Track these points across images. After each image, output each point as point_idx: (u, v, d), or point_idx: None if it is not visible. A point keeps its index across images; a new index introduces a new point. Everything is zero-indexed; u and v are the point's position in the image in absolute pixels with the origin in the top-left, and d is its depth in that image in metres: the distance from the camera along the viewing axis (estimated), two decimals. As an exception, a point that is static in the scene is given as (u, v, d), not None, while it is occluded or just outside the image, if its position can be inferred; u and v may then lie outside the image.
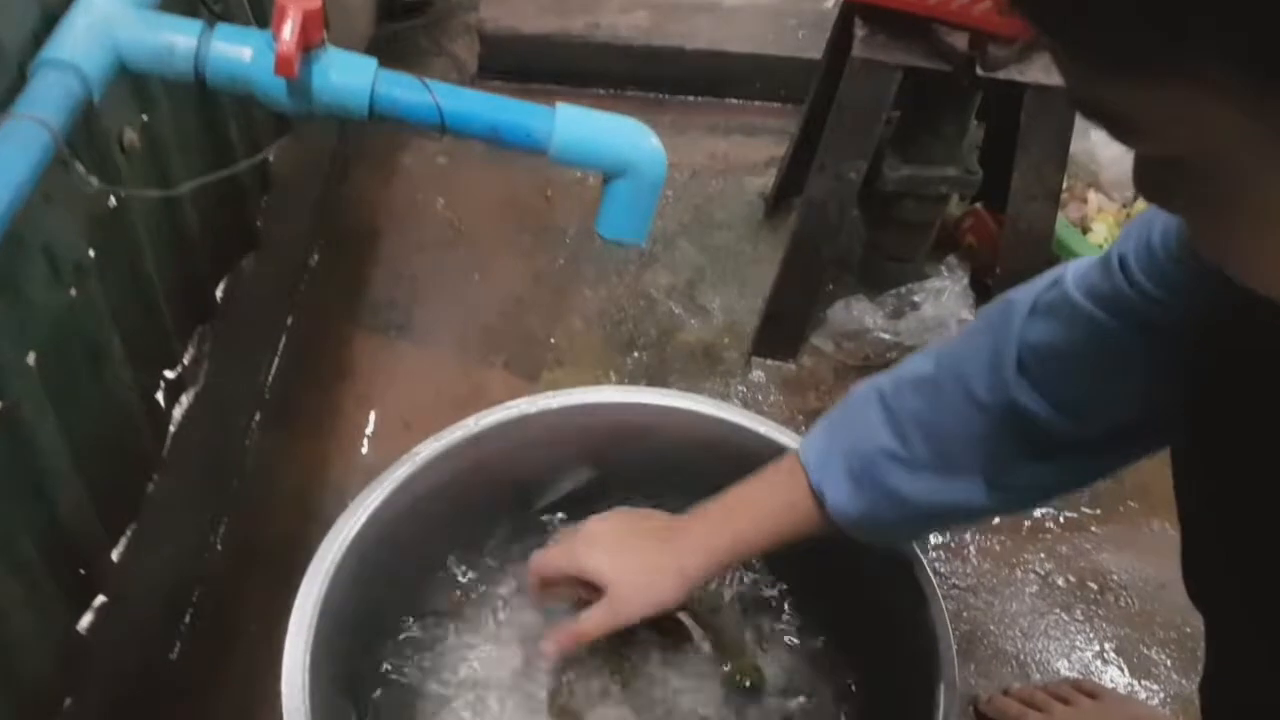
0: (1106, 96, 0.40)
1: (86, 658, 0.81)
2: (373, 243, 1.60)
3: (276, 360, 1.39)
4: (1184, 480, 0.73)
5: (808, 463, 0.86)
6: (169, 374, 0.91)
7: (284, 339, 1.42)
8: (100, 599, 0.81)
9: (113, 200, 0.78)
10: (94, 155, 0.76)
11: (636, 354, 1.48)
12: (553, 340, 1.49)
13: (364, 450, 1.35)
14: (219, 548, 1.20)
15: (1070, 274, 0.78)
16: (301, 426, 1.35)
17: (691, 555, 0.91)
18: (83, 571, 0.79)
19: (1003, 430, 0.79)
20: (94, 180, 0.64)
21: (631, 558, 0.93)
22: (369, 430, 1.37)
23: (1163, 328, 0.73)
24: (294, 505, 1.26)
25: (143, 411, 0.84)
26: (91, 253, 0.75)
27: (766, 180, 1.69)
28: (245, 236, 1.07)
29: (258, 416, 1.33)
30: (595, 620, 0.94)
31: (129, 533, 0.86)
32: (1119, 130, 0.41)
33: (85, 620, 0.81)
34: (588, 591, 0.95)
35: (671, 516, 0.96)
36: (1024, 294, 0.80)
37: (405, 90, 0.74)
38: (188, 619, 1.11)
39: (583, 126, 0.80)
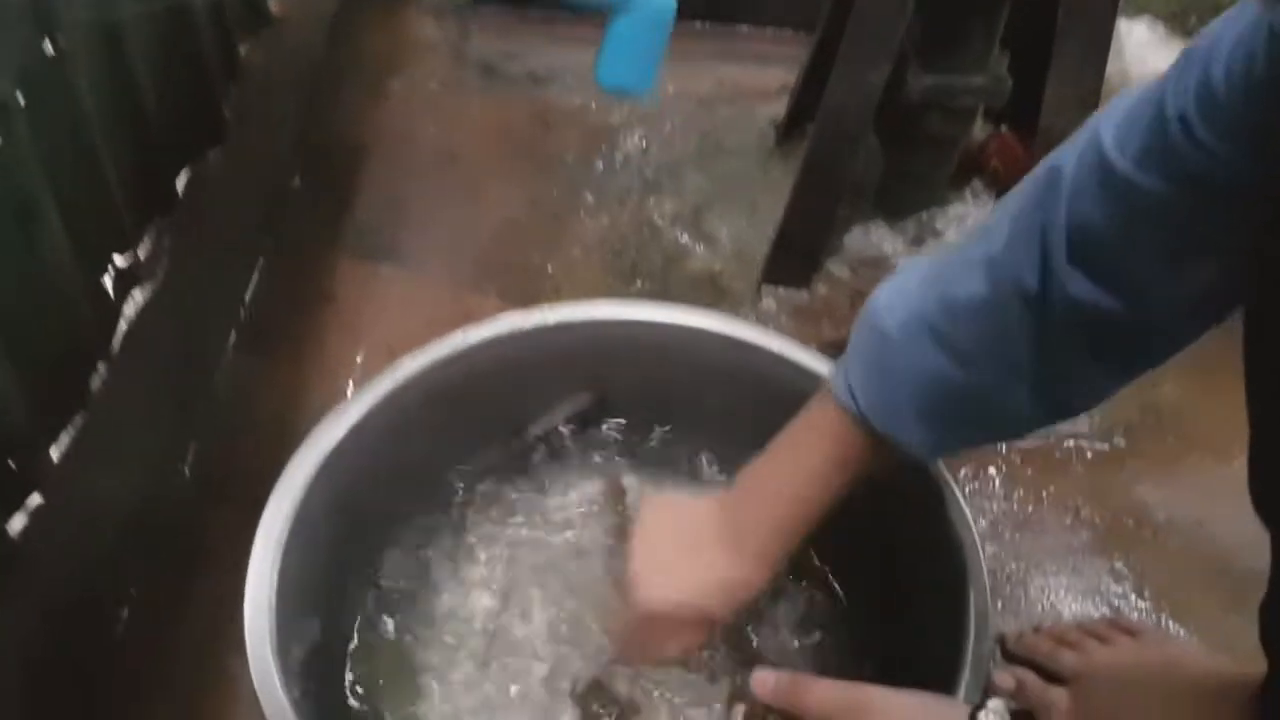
0: None
1: (17, 565, 0.72)
2: (360, 165, 1.51)
3: (255, 279, 1.30)
4: (1256, 368, 0.65)
5: (871, 413, 0.78)
6: (119, 260, 0.82)
7: (262, 260, 1.34)
8: (36, 499, 0.73)
9: (49, 46, 0.69)
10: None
11: (639, 283, 1.39)
12: (550, 269, 1.41)
13: (346, 378, 1.26)
14: (187, 473, 1.12)
15: (1106, 134, 0.69)
16: (280, 352, 1.27)
17: (768, 543, 0.84)
18: (13, 466, 0.71)
19: (1064, 329, 0.72)
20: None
21: (704, 573, 0.84)
22: (352, 358, 1.28)
23: (1227, 186, 0.65)
24: (269, 434, 1.17)
25: (86, 295, 0.76)
26: (21, 98, 0.66)
27: (778, 108, 1.59)
28: (210, 126, 0.98)
29: (233, 338, 1.25)
30: (692, 642, 0.88)
31: (71, 431, 0.77)
32: None
33: (17, 523, 0.72)
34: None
35: (718, 503, 0.87)
36: (1061, 163, 0.72)
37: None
38: (148, 545, 1.03)
39: (580, -48, 0.70)
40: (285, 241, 1.37)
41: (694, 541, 0.85)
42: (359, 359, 1.28)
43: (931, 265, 0.78)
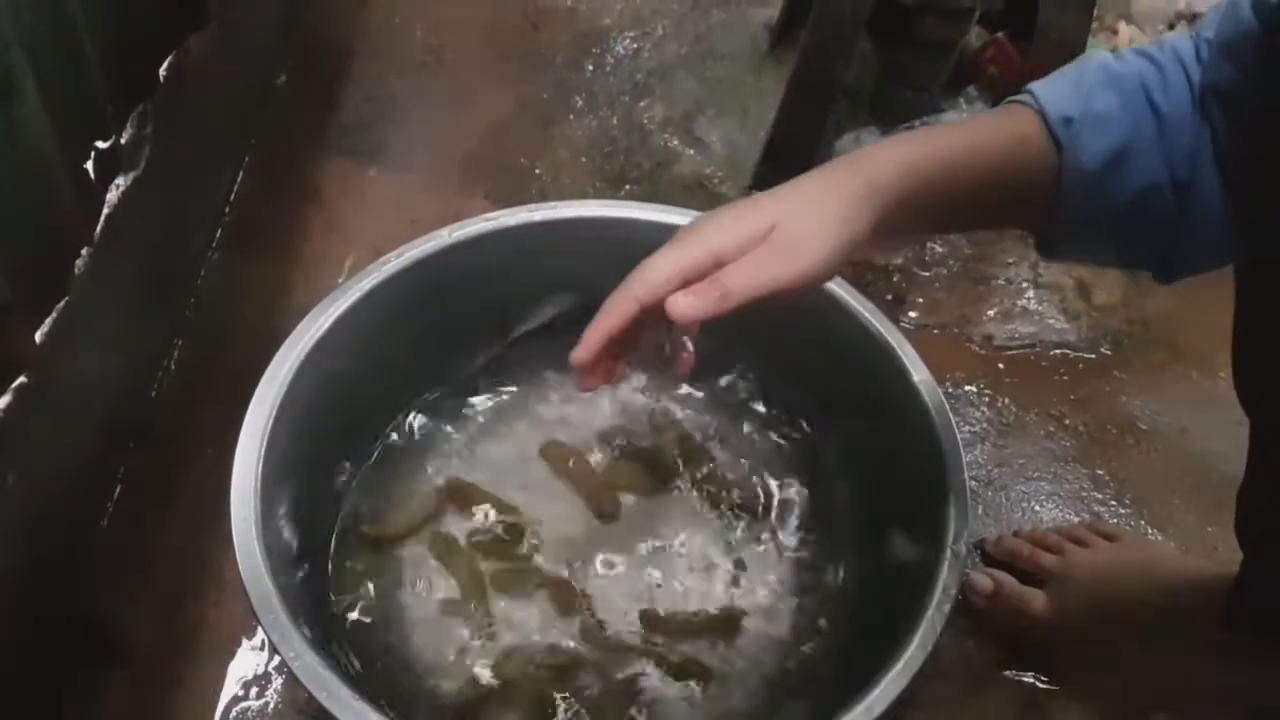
0: None
1: (5, 441, 0.72)
2: (345, 65, 1.48)
3: (240, 177, 1.29)
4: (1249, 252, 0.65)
5: (1045, 98, 0.71)
6: (100, 144, 0.81)
7: (248, 158, 1.32)
8: (20, 380, 0.72)
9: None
10: None
11: (628, 186, 1.37)
12: (538, 171, 1.39)
13: (332, 277, 1.25)
14: (172, 367, 1.11)
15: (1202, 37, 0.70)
16: (264, 249, 1.26)
17: (882, 166, 0.68)
18: (-3, 345, 0.70)
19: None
20: None
21: (795, 193, 0.69)
22: (337, 257, 1.27)
23: None
24: (254, 329, 1.17)
25: (67, 175, 0.74)
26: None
27: (772, 12, 1.56)
28: (192, 9, 0.96)
29: (218, 234, 1.24)
30: (763, 277, 0.65)
31: (55, 314, 0.77)
32: None
33: (2, 402, 0.72)
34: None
35: (820, 172, 0.71)
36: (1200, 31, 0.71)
37: None
38: (135, 438, 1.03)
39: None
40: (271, 140, 1.35)
41: (783, 192, 0.70)
42: (345, 259, 1.27)
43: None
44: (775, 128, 1.30)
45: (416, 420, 1.05)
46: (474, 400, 1.08)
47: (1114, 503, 1.11)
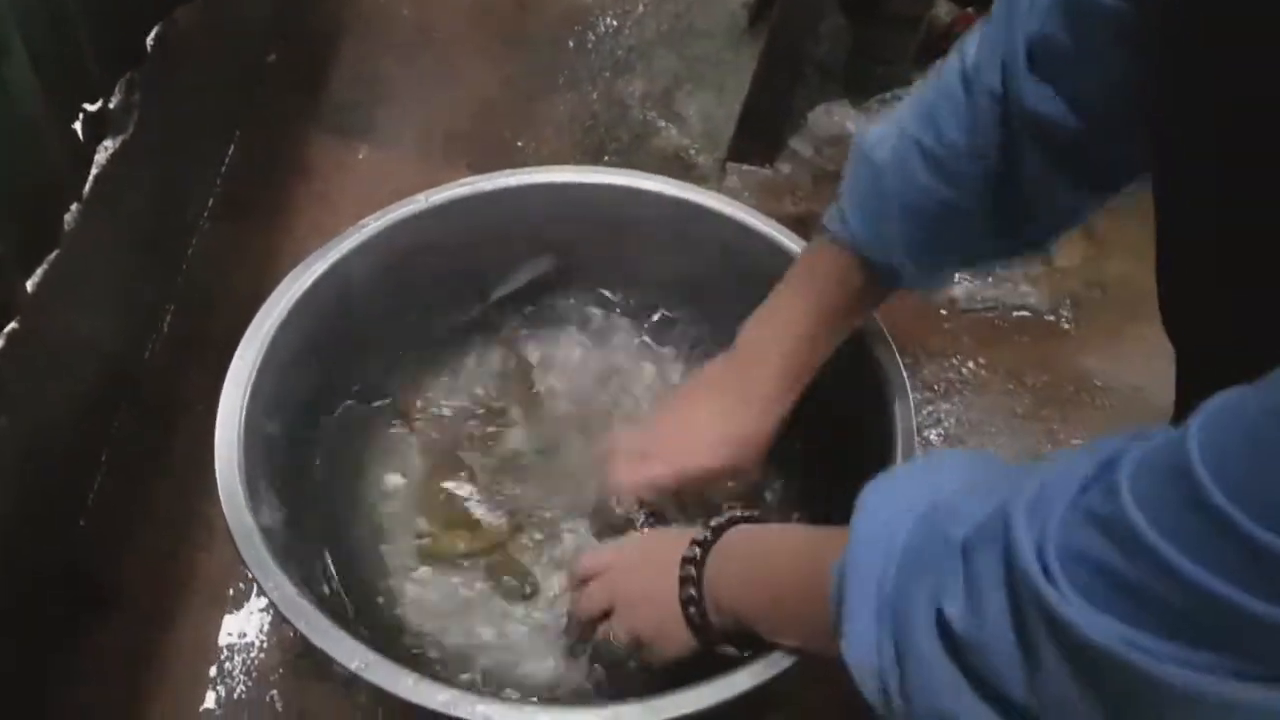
0: None
1: (-3, 385, 0.77)
2: (335, 42, 1.53)
3: (231, 152, 1.34)
4: (1160, 183, 0.69)
5: (864, 242, 0.80)
6: (89, 107, 0.85)
7: (239, 133, 1.36)
8: (12, 325, 0.77)
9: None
10: None
11: (607, 159, 1.42)
12: (520, 145, 1.44)
13: (319, 246, 1.29)
14: (165, 330, 1.16)
15: None
16: (254, 220, 1.31)
17: (775, 393, 0.86)
18: (-10, 292, 0.75)
19: (1026, 138, 0.74)
20: None
21: (718, 428, 0.86)
22: (325, 228, 1.31)
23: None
24: (245, 296, 1.20)
25: (55, 132, 0.79)
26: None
27: (751, -10, 1.61)
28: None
29: (210, 205, 1.28)
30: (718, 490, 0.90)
31: (45, 266, 0.81)
32: None
33: (-8, 342, 0.76)
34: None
35: (721, 364, 0.89)
36: None
37: None
38: (127, 398, 1.07)
39: None
40: (262, 116, 1.40)
41: (709, 405, 0.87)
42: (333, 230, 1.31)
43: (914, 98, 0.79)
44: (747, 104, 1.34)
45: (395, 378, 1.09)
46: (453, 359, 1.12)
47: (1069, 457, 1.15)
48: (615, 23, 1.58)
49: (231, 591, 1.01)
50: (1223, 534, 0.40)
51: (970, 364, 1.22)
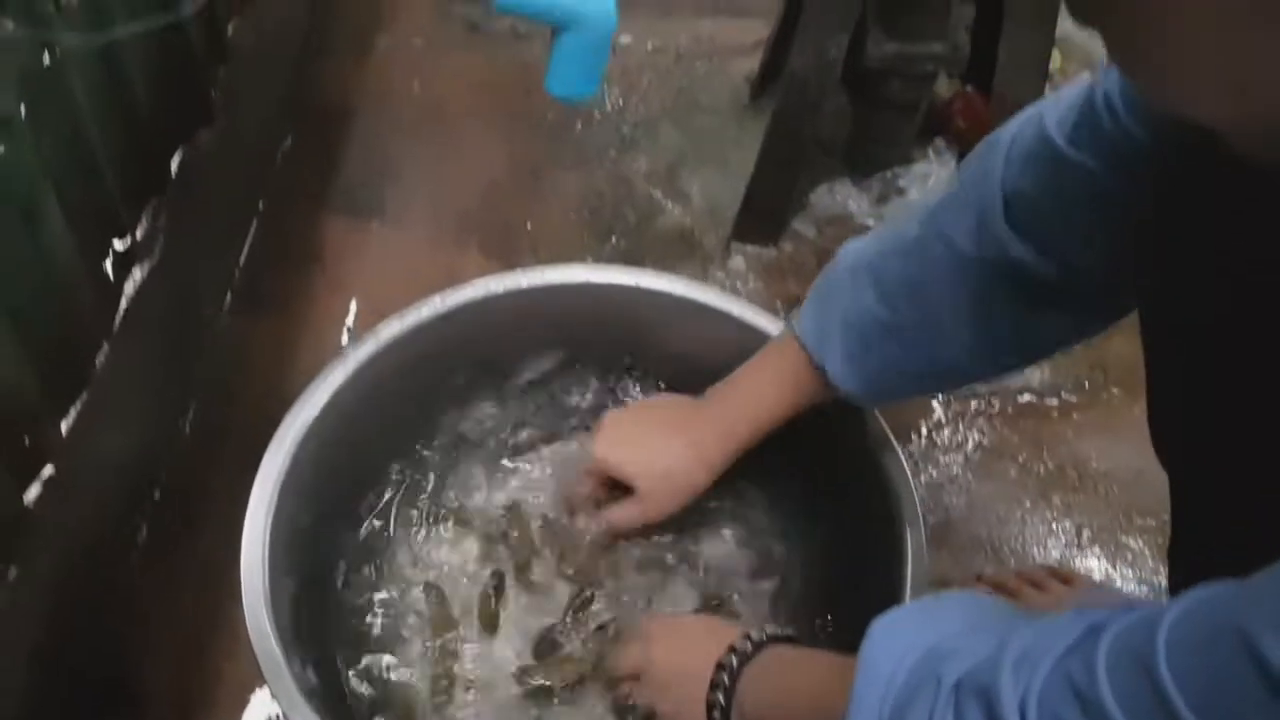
0: None
1: (35, 529, 0.80)
2: (346, 123, 1.56)
3: (248, 242, 1.36)
4: (1148, 329, 0.72)
5: (805, 339, 0.86)
6: (118, 245, 0.88)
7: (255, 223, 1.39)
8: (48, 470, 0.79)
9: (46, 57, 0.74)
10: (21, 7, 0.72)
11: (614, 239, 1.44)
12: (529, 226, 1.46)
13: (336, 335, 1.33)
14: (186, 430, 1.19)
15: (1049, 114, 0.75)
16: (271, 310, 1.33)
17: (714, 443, 0.93)
18: (27, 441, 0.78)
19: (993, 284, 0.79)
20: (8, 24, 0.61)
21: (655, 453, 0.95)
22: (340, 315, 1.35)
23: (1141, 170, 0.70)
24: (263, 389, 1.24)
25: (88, 280, 0.82)
26: (22, 109, 0.71)
27: (753, 63, 1.63)
28: (199, 108, 1.03)
29: (228, 299, 1.31)
30: (626, 515, 0.97)
31: (79, 404, 0.84)
32: None
33: (32, 491, 0.79)
34: (612, 490, 0.99)
35: (686, 402, 0.97)
36: (1005, 135, 0.78)
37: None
38: (153, 500, 1.10)
39: (530, -28, 0.75)
40: (276, 203, 1.43)
41: (658, 425, 0.96)
42: (346, 315, 1.34)
43: (887, 222, 0.85)
44: (750, 188, 1.37)
45: (416, 476, 1.12)
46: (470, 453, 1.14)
47: (1075, 548, 1.17)
48: (621, 98, 1.61)
49: (255, 695, 1.04)
50: None
51: (974, 448, 1.25)
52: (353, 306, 1.35)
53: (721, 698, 0.78)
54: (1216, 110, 0.46)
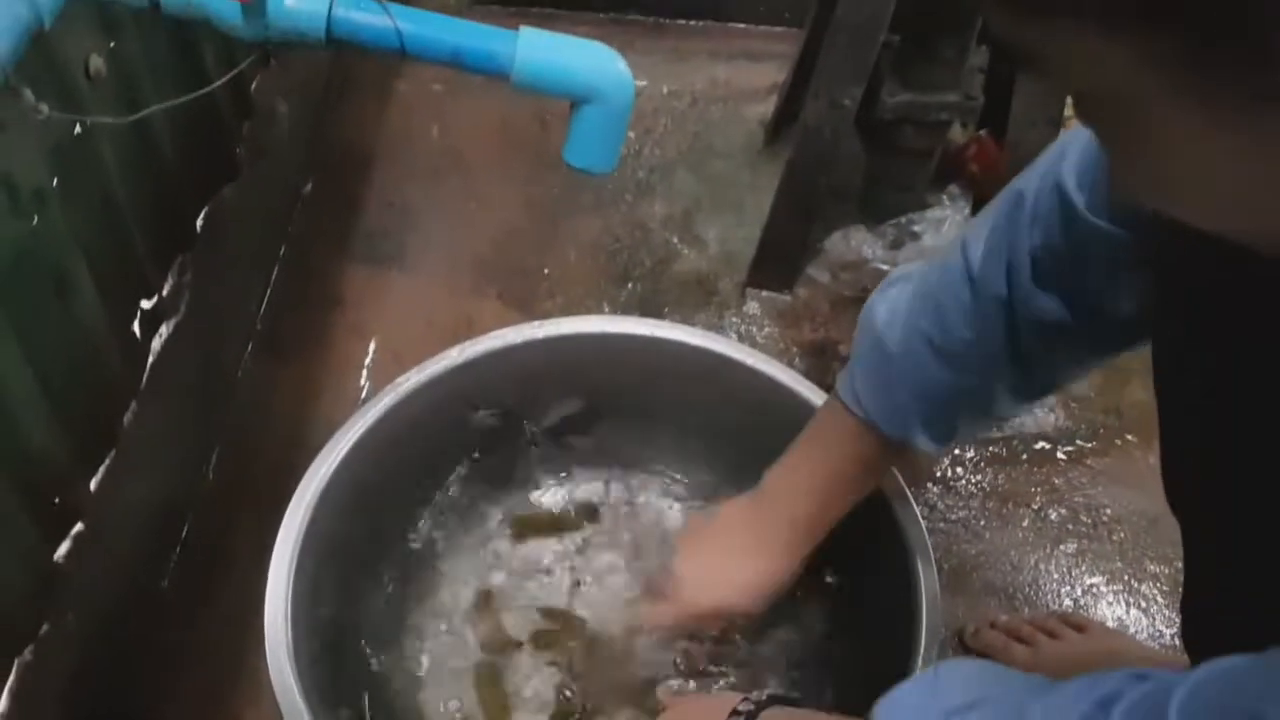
0: (1024, 38, 0.42)
1: (65, 585, 0.81)
2: (366, 170, 1.58)
3: (269, 290, 1.38)
4: (1160, 376, 0.73)
5: (880, 422, 0.87)
6: (145, 304, 0.90)
7: (277, 268, 1.41)
8: (78, 527, 0.81)
9: (77, 127, 0.77)
10: (54, 83, 0.74)
11: (631, 285, 1.46)
12: (546, 271, 1.48)
13: (355, 380, 1.34)
14: (210, 477, 1.20)
15: (1070, 175, 0.76)
16: (292, 356, 1.35)
17: (795, 552, 0.93)
18: (57, 501, 0.79)
19: (1029, 332, 0.81)
20: (44, 108, 0.63)
21: (744, 588, 0.95)
22: (360, 361, 1.36)
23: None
24: (285, 435, 1.26)
25: (117, 342, 0.84)
26: (54, 181, 0.73)
27: (767, 108, 1.65)
28: (225, 165, 1.05)
29: (250, 346, 1.33)
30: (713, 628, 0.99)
31: (107, 462, 0.86)
32: (1032, 69, 0.44)
33: (63, 549, 0.81)
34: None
35: (755, 518, 0.95)
36: (1030, 187, 0.79)
37: (364, 14, 0.72)
38: (177, 549, 1.12)
39: (547, 50, 0.77)
40: (298, 249, 1.45)
41: (728, 545, 0.95)
42: (366, 361, 1.36)
43: (921, 281, 0.86)
44: (765, 235, 1.38)
45: (434, 527, 1.13)
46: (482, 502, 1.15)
47: (1089, 595, 1.18)
48: (637, 143, 1.63)
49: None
50: None
51: (988, 495, 1.25)
52: (370, 349, 1.37)
53: None
54: (1232, 226, 0.47)
